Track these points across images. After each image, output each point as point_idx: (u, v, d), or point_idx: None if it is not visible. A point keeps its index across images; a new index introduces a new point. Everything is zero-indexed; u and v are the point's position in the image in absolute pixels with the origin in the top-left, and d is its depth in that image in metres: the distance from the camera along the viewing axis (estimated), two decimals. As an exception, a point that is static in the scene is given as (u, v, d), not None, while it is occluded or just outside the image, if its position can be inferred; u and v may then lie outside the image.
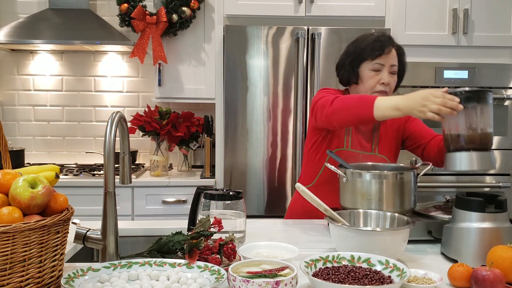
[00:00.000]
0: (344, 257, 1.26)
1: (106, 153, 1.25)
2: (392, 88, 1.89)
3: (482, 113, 1.48)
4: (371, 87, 1.86)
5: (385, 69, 1.85)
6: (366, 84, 1.86)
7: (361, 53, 1.86)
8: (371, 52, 1.84)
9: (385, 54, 1.84)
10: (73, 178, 3.10)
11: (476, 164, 1.48)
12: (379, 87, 1.85)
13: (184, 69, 3.32)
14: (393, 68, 1.86)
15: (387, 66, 1.85)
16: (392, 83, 1.88)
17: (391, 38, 1.88)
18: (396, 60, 1.88)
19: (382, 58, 1.84)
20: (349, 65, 1.89)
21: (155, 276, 1.17)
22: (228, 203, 1.54)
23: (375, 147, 1.92)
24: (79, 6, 3.34)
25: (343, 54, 1.94)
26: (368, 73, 1.86)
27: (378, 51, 1.83)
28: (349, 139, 1.91)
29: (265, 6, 3.00)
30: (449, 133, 1.53)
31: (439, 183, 3.00)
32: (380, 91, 1.85)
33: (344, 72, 1.92)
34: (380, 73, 1.85)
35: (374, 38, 1.86)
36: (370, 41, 1.86)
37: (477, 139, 1.49)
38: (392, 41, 1.88)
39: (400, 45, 1.92)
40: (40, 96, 3.62)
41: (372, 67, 1.85)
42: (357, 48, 1.88)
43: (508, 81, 3.03)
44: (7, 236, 1.00)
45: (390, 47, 1.85)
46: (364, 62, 1.86)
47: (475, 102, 1.47)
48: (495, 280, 1.15)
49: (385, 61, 1.84)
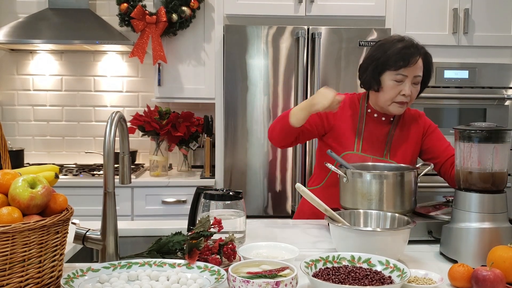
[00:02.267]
0: (344, 257, 1.26)
1: (106, 153, 1.25)
2: (413, 98, 1.84)
3: (497, 152, 1.38)
4: (391, 98, 1.81)
5: (408, 80, 1.78)
6: (387, 94, 1.81)
7: (385, 62, 1.79)
8: (395, 63, 1.77)
9: (411, 65, 1.77)
10: (72, 178, 3.10)
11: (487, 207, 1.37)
12: (399, 98, 1.80)
13: (184, 69, 3.31)
14: (416, 79, 1.80)
15: (410, 77, 1.78)
16: (414, 94, 1.82)
17: (418, 47, 1.80)
18: (421, 70, 1.81)
19: (407, 69, 1.77)
20: (371, 71, 1.83)
21: (155, 277, 1.17)
22: (228, 203, 1.54)
23: (387, 153, 1.88)
24: (79, 5, 3.34)
25: (367, 57, 1.87)
26: (390, 83, 1.79)
27: (403, 62, 1.76)
28: (359, 143, 1.88)
29: (265, 6, 3.00)
30: (460, 170, 1.43)
31: (439, 183, 2.99)
32: (400, 102, 1.81)
33: (366, 77, 1.86)
34: (403, 83, 1.79)
35: (401, 47, 1.78)
36: (396, 50, 1.77)
37: (490, 179, 1.38)
38: (419, 50, 1.79)
39: (427, 51, 1.84)
40: (40, 96, 3.62)
41: (395, 77, 1.78)
42: (382, 55, 1.80)
43: (508, 81, 3.03)
44: (7, 236, 1.00)
45: (416, 57, 1.77)
46: (387, 71, 1.80)
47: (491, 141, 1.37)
48: (496, 280, 1.15)
49: (409, 73, 1.77)
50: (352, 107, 1.93)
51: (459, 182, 1.44)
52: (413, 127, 1.92)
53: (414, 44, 1.81)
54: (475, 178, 1.39)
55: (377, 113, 1.91)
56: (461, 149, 1.42)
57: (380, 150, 1.88)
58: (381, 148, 1.89)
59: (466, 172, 1.40)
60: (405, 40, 1.82)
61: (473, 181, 1.39)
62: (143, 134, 3.35)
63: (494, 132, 1.37)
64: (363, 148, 1.87)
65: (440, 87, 3.00)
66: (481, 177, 1.38)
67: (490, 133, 1.37)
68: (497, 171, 1.38)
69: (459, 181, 1.43)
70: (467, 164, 1.40)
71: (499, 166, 1.38)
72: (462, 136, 1.42)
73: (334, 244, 1.41)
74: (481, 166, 1.38)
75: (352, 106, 1.93)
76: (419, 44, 1.83)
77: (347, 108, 1.92)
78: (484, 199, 1.37)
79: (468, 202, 1.39)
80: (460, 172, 1.43)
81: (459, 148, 1.43)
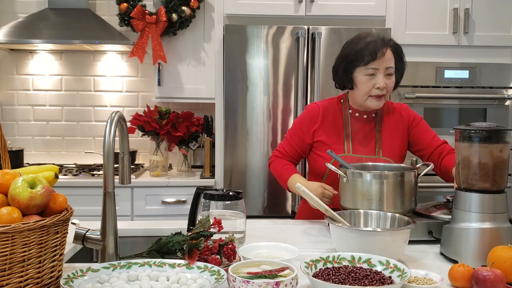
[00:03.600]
0: (344, 257, 1.26)
1: (106, 153, 1.24)
2: (389, 89, 1.85)
3: (497, 152, 1.37)
4: (366, 92, 1.83)
5: (380, 73, 1.80)
6: (361, 89, 1.84)
7: (355, 58, 1.82)
8: (364, 58, 1.79)
9: (379, 58, 1.79)
10: (72, 178, 3.09)
11: (487, 207, 1.37)
12: (374, 92, 1.82)
13: (183, 68, 3.31)
14: (388, 70, 1.82)
15: (382, 70, 1.80)
16: (389, 85, 1.83)
17: (384, 39, 1.82)
18: (392, 61, 1.83)
19: (376, 62, 1.79)
20: (343, 70, 1.86)
21: (155, 277, 1.17)
22: (228, 203, 1.54)
23: (379, 150, 1.89)
24: (79, 5, 3.33)
25: (337, 57, 1.91)
26: (363, 78, 1.82)
27: (370, 56, 1.78)
28: (349, 144, 1.89)
29: (265, 6, 3.00)
30: (460, 170, 1.43)
31: (439, 183, 2.99)
32: (376, 96, 1.82)
33: (339, 77, 1.90)
34: (375, 77, 1.81)
35: (367, 41, 1.81)
36: (364, 45, 1.80)
37: (490, 179, 1.37)
38: (385, 42, 1.81)
39: (396, 43, 1.87)
40: (39, 96, 3.61)
41: (366, 72, 1.81)
42: (351, 53, 1.83)
43: (508, 81, 3.03)
44: (7, 236, 1.00)
45: (383, 50, 1.79)
46: (358, 68, 1.82)
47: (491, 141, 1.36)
48: (496, 281, 1.15)
49: (379, 65, 1.80)
50: (331, 112, 1.94)
51: (459, 182, 1.43)
52: (398, 121, 1.94)
53: (381, 37, 1.83)
54: (475, 178, 1.38)
55: (359, 112, 1.93)
56: (461, 149, 1.41)
57: (371, 149, 1.90)
58: (371, 146, 1.90)
59: (466, 172, 1.40)
60: (372, 35, 1.84)
61: (474, 181, 1.39)
62: (143, 134, 3.34)
63: (494, 132, 1.37)
64: (353, 149, 1.89)
65: (440, 87, 3.00)
66: (481, 177, 1.37)
67: (490, 133, 1.36)
68: (497, 171, 1.37)
69: (459, 181, 1.43)
70: (467, 164, 1.40)
71: (499, 166, 1.37)
72: (462, 136, 1.41)
73: (334, 244, 1.41)
74: (481, 166, 1.37)
75: (331, 111, 1.94)
76: (387, 37, 1.86)
77: (325, 116, 1.94)
78: (484, 199, 1.37)
79: (468, 202, 1.38)
80: (460, 172, 1.42)
81: (459, 148, 1.43)
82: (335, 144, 1.89)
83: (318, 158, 1.91)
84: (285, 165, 1.96)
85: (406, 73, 1.96)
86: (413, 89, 2.98)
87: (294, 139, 1.97)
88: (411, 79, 2.97)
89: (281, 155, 2.00)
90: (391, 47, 1.83)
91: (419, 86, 2.98)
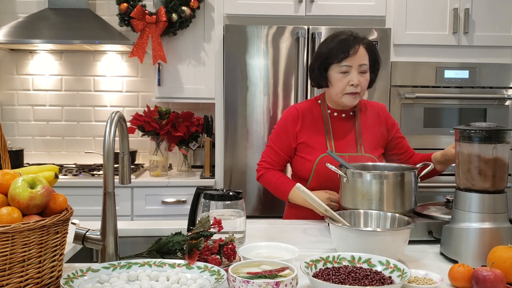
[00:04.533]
0: (344, 257, 1.26)
1: (106, 153, 1.24)
2: (364, 87, 1.87)
3: (497, 152, 1.36)
4: (341, 90, 1.85)
5: (354, 70, 1.83)
6: (336, 87, 1.86)
7: (328, 56, 1.85)
8: (337, 55, 1.82)
9: (352, 55, 1.81)
10: (72, 178, 3.09)
11: (487, 207, 1.36)
12: (349, 89, 1.84)
13: (183, 68, 3.31)
14: (362, 67, 1.84)
15: (355, 67, 1.83)
16: (363, 83, 1.85)
17: (357, 37, 1.85)
18: (366, 58, 1.85)
19: (349, 59, 1.82)
20: (317, 69, 1.89)
21: (155, 277, 1.17)
22: (228, 203, 1.54)
23: (361, 147, 1.92)
24: (79, 5, 3.33)
25: (313, 56, 1.93)
26: (337, 75, 1.85)
27: (343, 53, 1.81)
28: (332, 143, 1.91)
29: (265, 6, 3.00)
30: (460, 170, 1.42)
31: (439, 183, 2.99)
32: (350, 93, 1.85)
33: (315, 75, 1.92)
34: (349, 74, 1.83)
35: (340, 39, 1.84)
36: (337, 43, 1.83)
37: (490, 179, 1.37)
38: (358, 40, 1.84)
39: (369, 40, 1.89)
40: (39, 96, 3.61)
41: (340, 69, 1.83)
42: (325, 51, 1.86)
43: (508, 81, 3.03)
44: (7, 236, 1.00)
45: (356, 47, 1.82)
46: (332, 66, 1.85)
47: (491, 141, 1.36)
48: (496, 281, 1.15)
49: (352, 62, 1.82)
50: (309, 113, 1.96)
51: (459, 182, 1.43)
52: (375, 118, 1.98)
53: (354, 35, 1.86)
54: (475, 178, 1.38)
55: (337, 112, 1.96)
56: (461, 149, 1.41)
57: (352, 146, 1.92)
58: (353, 144, 1.92)
59: (466, 172, 1.40)
60: (345, 33, 1.87)
61: (473, 181, 1.39)
62: (143, 134, 3.34)
63: (494, 132, 1.37)
64: (336, 147, 1.91)
65: (440, 87, 3.00)
66: (481, 177, 1.37)
67: (490, 133, 1.36)
68: (497, 171, 1.37)
69: (459, 181, 1.43)
70: (467, 164, 1.40)
71: (499, 166, 1.37)
72: (462, 136, 1.41)
73: (334, 244, 1.41)
74: (481, 166, 1.37)
75: (309, 113, 1.96)
76: (360, 35, 1.88)
77: (304, 118, 1.95)
78: (484, 199, 1.37)
79: (468, 202, 1.38)
80: (460, 172, 1.42)
81: (459, 148, 1.43)
82: (318, 144, 1.91)
83: (302, 161, 1.92)
84: (281, 177, 1.95)
85: (406, 73, 1.97)
86: (413, 89, 2.97)
87: (278, 145, 1.97)
88: (411, 79, 2.97)
89: (269, 165, 1.99)
90: (365, 45, 1.86)
91: (419, 86, 2.98)
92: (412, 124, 3.00)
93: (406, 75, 2.97)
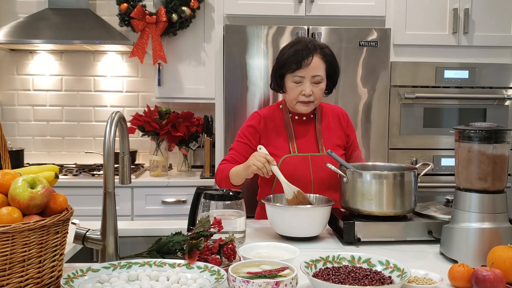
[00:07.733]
0: (344, 257, 1.26)
1: (106, 153, 1.24)
2: (317, 97, 1.89)
3: (497, 152, 1.36)
4: (294, 98, 1.89)
5: (307, 81, 1.85)
6: (290, 95, 1.90)
7: (282, 65, 1.88)
8: (290, 66, 1.85)
9: (304, 67, 1.83)
10: (72, 178, 3.09)
11: (487, 207, 1.37)
12: (301, 98, 1.88)
13: (184, 69, 3.31)
14: (315, 78, 1.86)
15: (308, 78, 1.85)
16: (316, 93, 1.87)
17: (311, 48, 1.84)
18: (320, 69, 1.86)
19: (302, 71, 1.84)
20: (274, 75, 1.94)
21: (155, 277, 1.17)
22: (228, 203, 1.54)
23: (322, 146, 1.95)
24: (79, 5, 3.34)
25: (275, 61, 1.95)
26: (290, 84, 1.88)
27: (295, 64, 1.83)
28: (294, 145, 1.94)
29: (265, 6, 3.00)
30: (460, 170, 1.42)
31: (439, 183, 2.99)
32: (302, 102, 1.88)
33: (272, 81, 1.97)
34: (302, 84, 1.86)
35: (294, 50, 1.85)
36: (291, 53, 1.85)
37: (490, 179, 1.37)
38: (312, 51, 1.84)
39: (327, 51, 1.88)
40: (40, 96, 3.62)
41: (293, 79, 1.87)
42: (281, 59, 1.89)
43: (508, 81, 3.03)
44: (7, 236, 1.00)
45: (309, 58, 1.83)
46: (286, 74, 1.88)
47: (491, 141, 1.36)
48: (496, 281, 1.15)
49: (305, 73, 1.84)
50: (272, 120, 1.99)
51: (459, 182, 1.43)
52: (336, 120, 2.03)
53: (308, 45, 1.86)
54: (475, 178, 1.38)
55: (298, 115, 1.99)
56: (461, 149, 1.42)
57: (314, 147, 1.96)
58: (314, 144, 1.96)
59: (466, 172, 1.40)
60: (300, 43, 1.88)
61: (473, 181, 1.39)
62: (143, 134, 3.34)
63: (494, 132, 1.37)
64: (298, 149, 1.94)
65: (440, 87, 3.00)
66: (481, 177, 1.37)
67: (490, 133, 1.37)
68: (497, 171, 1.37)
69: (459, 181, 1.43)
70: (467, 164, 1.40)
71: (499, 166, 1.37)
72: (462, 136, 1.42)
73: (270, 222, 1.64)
74: (481, 166, 1.37)
75: (272, 119, 1.99)
76: (316, 43, 1.88)
77: (266, 124, 1.98)
78: (484, 199, 1.37)
79: (468, 202, 1.39)
80: (460, 172, 1.42)
81: (459, 148, 1.43)
82: (280, 146, 1.94)
83: None
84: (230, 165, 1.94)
85: (406, 73, 1.98)
86: (413, 89, 2.98)
87: (242, 147, 1.99)
88: (411, 79, 2.97)
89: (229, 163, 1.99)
90: (320, 55, 1.86)
91: (419, 86, 2.98)
92: (412, 124, 3.00)
93: (406, 75, 2.97)
